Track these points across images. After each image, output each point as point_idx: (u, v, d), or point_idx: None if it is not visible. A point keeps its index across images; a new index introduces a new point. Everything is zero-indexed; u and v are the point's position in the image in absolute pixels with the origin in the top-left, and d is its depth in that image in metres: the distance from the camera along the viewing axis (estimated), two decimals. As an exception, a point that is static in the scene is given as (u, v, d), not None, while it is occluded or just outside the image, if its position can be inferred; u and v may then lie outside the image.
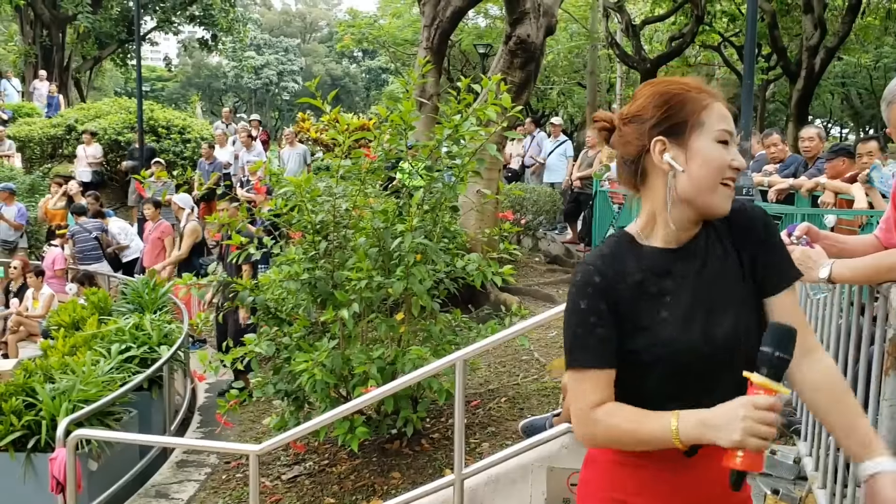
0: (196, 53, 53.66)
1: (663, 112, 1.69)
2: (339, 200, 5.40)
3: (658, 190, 1.72)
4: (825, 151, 6.60)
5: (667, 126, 1.69)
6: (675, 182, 1.68)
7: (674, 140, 1.69)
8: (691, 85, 1.72)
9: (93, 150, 15.59)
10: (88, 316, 8.15)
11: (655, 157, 1.70)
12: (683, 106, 1.69)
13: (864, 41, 23.20)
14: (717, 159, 1.68)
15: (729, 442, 1.50)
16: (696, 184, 1.68)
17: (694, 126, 1.68)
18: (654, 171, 1.73)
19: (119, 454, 5.95)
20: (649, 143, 1.70)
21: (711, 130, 1.69)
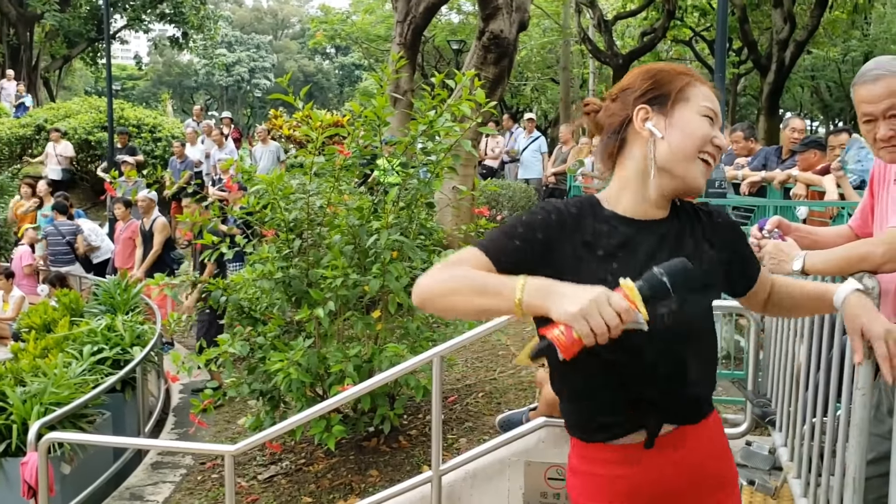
0: (167, 51, 53.26)
1: (650, 84, 1.73)
2: (312, 198, 5.36)
3: (635, 159, 1.74)
4: (797, 144, 6.66)
5: (651, 96, 1.73)
6: (654, 149, 1.70)
7: (657, 109, 1.72)
8: (677, 67, 1.78)
9: (62, 148, 15.39)
10: (60, 318, 8.05)
11: (637, 123, 1.72)
12: (670, 80, 1.73)
13: (832, 35, 23.47)
14: (698, 130, 1.70)
15: (563, 313, 1.42)
16: (675, 151, 1.69)
17: (678, 98, 1.72)
18: (634, 141, 1.75)
19: (92, 457, 5.88)
20: (632, 112, 1.73)
21: (696, 105, 1.72)
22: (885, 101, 2.38)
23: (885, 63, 2.42)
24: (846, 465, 2.40)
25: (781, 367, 3.59)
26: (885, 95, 2.38)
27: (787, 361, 3.47)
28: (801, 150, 6.36)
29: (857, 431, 2.30)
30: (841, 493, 2.45)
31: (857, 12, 21.17)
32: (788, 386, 3.40)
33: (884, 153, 2.43)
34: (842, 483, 2.44)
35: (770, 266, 2.56)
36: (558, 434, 4.25)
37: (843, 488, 2.43)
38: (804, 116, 42.35)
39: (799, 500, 3.01)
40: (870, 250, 2.34)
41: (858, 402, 2.32)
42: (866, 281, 2.29)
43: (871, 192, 2.66)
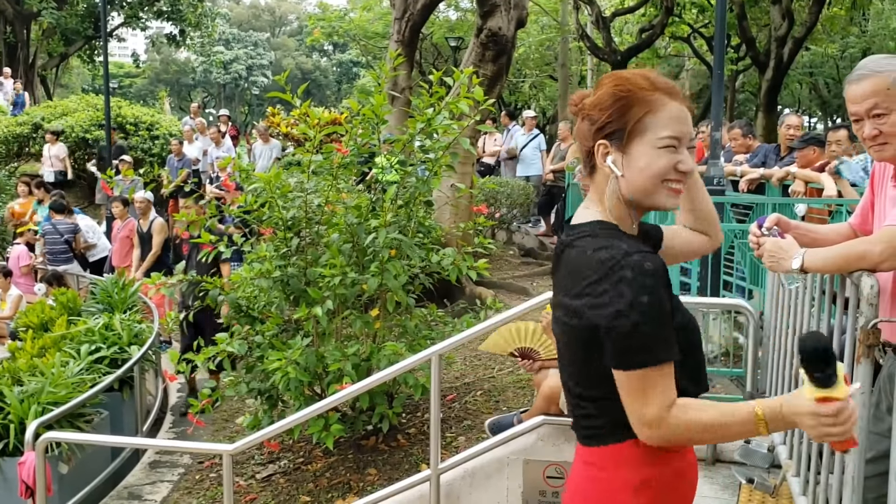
0: (164, 49, 53.21)
1: (607, 116, 1.71)
2: (310, 196, 5.35)
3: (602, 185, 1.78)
4: (796, 140, 6.64)
5: (610, 130, 1.71)
6: (617, 185, 1.72)
7: (615, 144, 1.71)
8: (647, 84, 1.71)
9: (56, 150, 15.36)
10: (57, 317, 8.03)
11: (598, 160, 1.74)
12: (629, 110, 1.70)
13: (830, 31, 23.44)
14: (654, 165, 1.69)
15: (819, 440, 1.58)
16: (635, 188, 1.71)
17: (634, 132, 1.69)
18: (603, 169, 1.76)
19: (90, 456, 5.87)
20: (593, 146, 1.74)
21: (654, 137, 1.69)
22: (868, 100, 2.40)
23: (870, 63, 2.44)
24: (845, 464, 2.39)
25: (780, 364, 3.58)
26: (868, 95, 2.40)
27: (786, 359, 3.46)
28: (800, 147, 6.35)
29: (857, 430, 2.29)
30: (840, 491, 2.44)
31: (855, 9, 21.14)
32: (787, 383, 3.39)
33: (871, 152, 2.46)
34: (841, 481, 2.44)
35: (769, 264, 2.55)
36: (557, 432, 4.24)
37: (842, 487, 2.42)
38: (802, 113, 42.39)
39: (798, 498, 3.01)
40: (868, 249, 2.33)
41: (858, 400, 2.31)
42: (865, 279, 2.29)
43: (871, 190, 2.65)
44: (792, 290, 3.39)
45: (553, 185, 12.24)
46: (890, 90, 2.38)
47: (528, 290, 8.66)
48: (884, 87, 2.38)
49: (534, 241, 12.34)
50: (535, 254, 11.35)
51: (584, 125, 1.77)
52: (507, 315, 4.37)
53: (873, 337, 2.27)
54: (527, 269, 10.25)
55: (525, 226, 13.23)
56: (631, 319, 1.56)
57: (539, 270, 10.02)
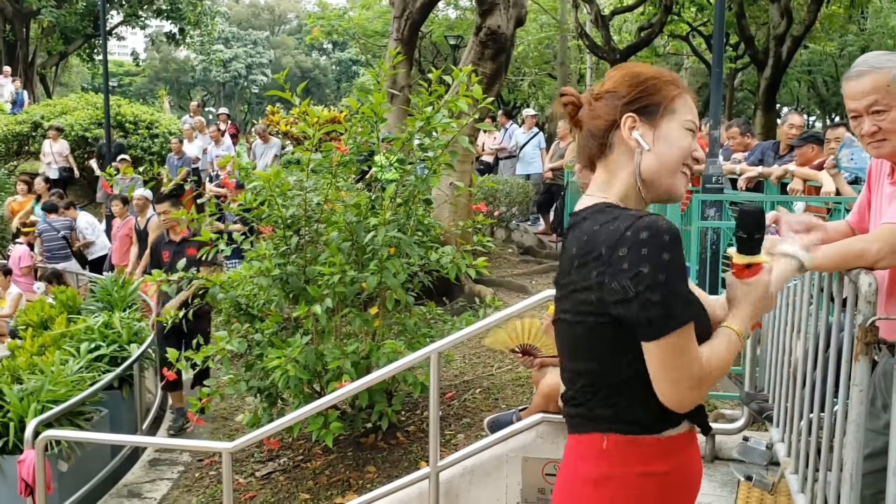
0: (164, 47, 53.16)
1: (638, 91, 1.71)
2: (310, 194, 5.35)
3: (624, 166, 1.73)
4: (795, 138, 6.65)
5: (640, 105, 1.71)
6: (640, 160, 1.70)
7: (645, 119, 1.71)
8: (665, 74, 1.75)
9: (59, 147, 15.35)
10: (57, 315, 8.04)
11: (624, 132, 1.71)
12: (659, 90, 1.72)
13: (829, 30, 23.44)
14: (683, 143, 1.72)
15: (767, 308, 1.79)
16: (661, 164, 1.70)
17: (666, 110, 1.71)
18: (620, 147, 1.73)
19: (90, 454, 5.88)
20: (620, 119, 1.71)
21: (681, 118, 1.72)
22: (867, 97, 2.40)
23: (870, 59, 2.44)
24: (843, 461, 2.40)
25: (778, 362, 3.59)
26: (867, 92, 2.40)
27: (785, 357, 3.47)
28: (798, 145, 6.36)
29: (854, 427, 2.31)
30: (838, 488, 2.45)
31: (854, 7, 21.15)
32: (786, 381, 3.40)
33: (869, 148, 2.46)
34: (839, 478, 2.45)
35: (767, 261, 2.55)
36: (556, 430, 4.25)
37: (840, 484, 2.43)
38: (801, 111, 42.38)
39: (796, 495, 3.01)
40: (865, 247, 2.34)
41: (855, 398, 2.32)
42: (863, 277, 2.29)
43: (868, 188, 2.66)
44: (790, 287, 3.40)
45: (552, 183, 12.24)
46: (890, 87, 2.38)
47: (527, 288, 8.66)
48: (884, 83, 2.38)
49: (533, 240, 12.34)
50: (533, 252, 11.35)
51: (602, 103, 1.74)
52: (507, 313, 4.38)
53: (871, 335, 2.27)
54: (526, 267, 10.25)
55: (524, 224, 13.24)
56: (657, 279, 1.52)
57: (538, 268, 10.02)
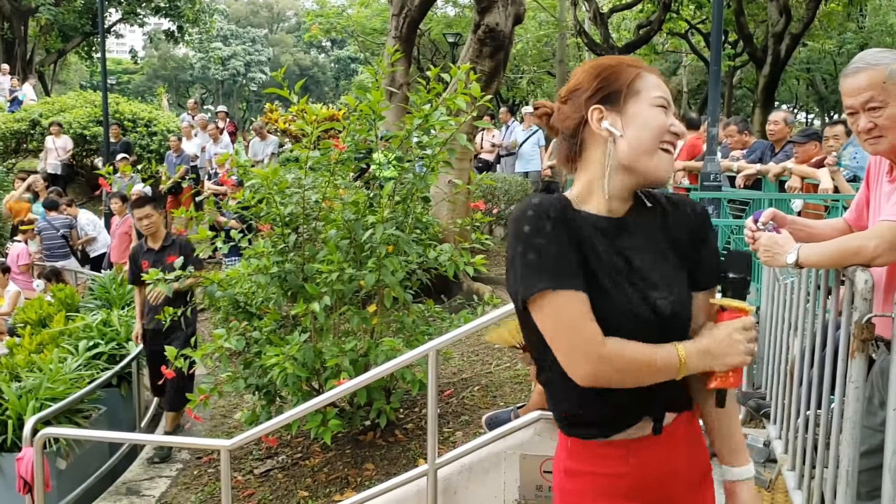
0: (162, 45, 53.05)
1: (598, 82, 1.71)
2: (308, 192, 5.35)
3: (596, 160, 1.72)
4: (796, 135, 6.64)
5: (602, 95, 1.70)
6: (614, 148, 1.69)
7: (610, 108, 1.70)
8: (624, 60, 1.75)
9: (62, 143, 15.34)
10: (55, 313, 8.04)
11: (594, 124, 1.70)
12: (618, 76, 1.71)
13: (827, 27, 23.46)
14: (654, 121, 1.69)
15: (727, 366, 1.65)
16: (635, 147, 1.68)
17: (629, 93, 1.70)
18: (592, 142, 1.73)
19: (88, 452, 5.89)
20: (587, 114, 1.71)
21: (647, 97, 1.70)
22: (863, 93, 2.41)
23: (867, 56, 2.45)
24: (840, 458, 2.40)
25: (776, 360, 3.60)
26: (863, 88, 2.41)
27: (782, 353, 3.48)
28: (801, 142, 6.35)
29: (851, 425, 2.31)
30: (835, 485, 2.46)
31: (853, 4, 21.19)
32: (783, 379, 3.41)
33: (866, 145, 2.47)
34: (835, 476, 2.45)
35: (764, 259, 2.56)
36: (554, 427, 4.25)
37: (836, 481, 2.44)
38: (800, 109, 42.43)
39: (793, 492, 3.02)
40: (862, 244, 2.34)
41: (852, 395, 2.33)
42: (859, 274, 2.30)
43: (867, 186, 2.67)
44: (787, 284, 3.40)
45: (550, 180, 12.23)
46: (886, 84, 2.38)
47: (526, 286, 8.65)
48: (879, 80, 2.39)
49: (531, 238, 12.33)
50: (532, 250, 11.33)
51: (567, 106, 1.76)
52: (505, 311, 4.38)
53: (867, 332, 2.28)
54: (524, 265, 10.23)
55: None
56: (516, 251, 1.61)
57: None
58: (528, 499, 4.33)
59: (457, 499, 4.33)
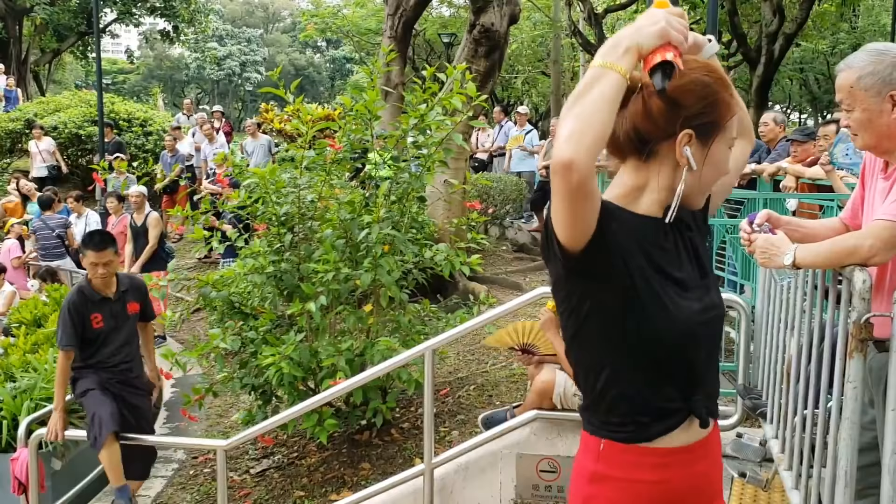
0: (157, 45, 53.02)
1: (703, 107, 1.62)
2: (303, 192, 5.35)
3: (662, 174, 1.66)
4: (796, 134, 6.64)
5: (699, 122, 1.62)
6: (685, 177, 1.64)
7: (698, 137, 1.63)
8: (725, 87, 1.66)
9: (45, 145, 15.28)
10: (50, 312, 8.01)
11: (678, 148, 1.63)
12: (719, 108, 1.64)
13: (821, 27, 23.48)
14: (724, 165, 1.70)
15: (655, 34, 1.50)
16: (701, 185, 1.68)
17: (720, 130, 1.66)
18: (665, 156, 1.65)
19: (84, 452, 5.86)
20: (679, 132, 1.62)
21: (729, 137, 1.68)
22: (838, 94, 2.48)
23: (856, 55, 2.50)
24: (838, 458, 2.41)
25: (772, 358, 3.60)
26: (838, 89, 2.48)
27: (778, 353, 3.49)
28: (801, 141, 6.36)
29: (849, 424, 2.32)
30: (832, 485, 2.46)
31: (846, 5, 21.21)
32: (779, 378, 3.41)
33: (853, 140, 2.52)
34: (833, 475, 2.46)
35: (761, 260, 2.56)
36: (550, 426, 4.26)
37: (834, 480, 2.44)
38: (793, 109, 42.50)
39: (790, 491, 3.02)
40: (857, 244, 2.35)
41: (849, 394, 2.33)
42: (857, 274, 2.30)
43: (862, 184, 2.67)
44: (784, 284, 3.41)
45: (546, 180, 12.24)
46: (853, 88, 2.42)
47: (521, 285, 8.67)
48: (847, 84, 2.44)
49: (527, 237, 12.35)
50: (527, 249, 11.36)
51: (660, 105, 1.62)
52: (501, 310, 4.39)
53: (866, 331, 2.28)
54: (520, 264, 10.25)
55: (518, 221, 13.24)
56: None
57: (532, 266, 10.03)
58: (525, 498, 4.34)
59: (453, 498, 4.34)
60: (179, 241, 12.97)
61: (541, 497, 4.30)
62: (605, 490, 1.70)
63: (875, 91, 2.39)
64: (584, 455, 1.75)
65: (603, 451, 1.70)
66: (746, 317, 4.14)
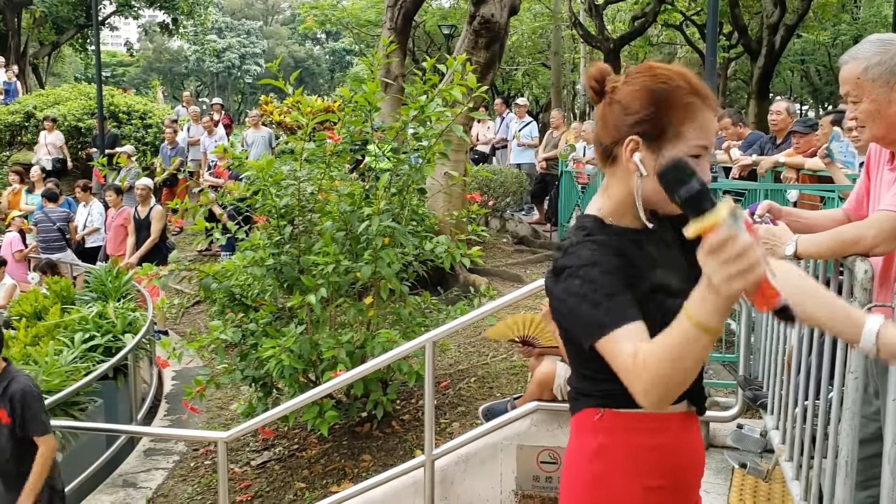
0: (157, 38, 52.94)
1: (647, 113, 1.63)
2: (303, 184, 5.34)
3: (624, 181, 1.70)
4: (799, 125, 6.62)
5: (646, 128, 1.64)
6: (639, 184, 1.66)
7: (647, 143, 1.64)
8: (685, 87, 1.65)
9: (53, 138, 15.27)
10: (51, 305, 8.01)
11: (625, 154, 1.66)
12: (669, 112, 1.63)
13: (822, 19, 23.46)
14: None
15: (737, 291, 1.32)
16: (657, 192, 1.58)
17: (672, 137, 1.63)
18: (622, 163, 1.69)
19: (85, 444, 5.87)
20: (624, 138, 1.66)
21: (687, 144, 1.64)
22: (844, 86, 2.46)
23: (860, 46, 2.48)
24: (839, 449, 2.41)
25: (773, 350, 3.60)
26: (844, 81, 2.46)
27: (779, 344, 3.48)
28: (804, 132, 6.34)
29: (850, 415, 2.31)
30: (833, 475, 2.46)
31: (848, -4, 21.20)
32: (780, 369, 3.41)
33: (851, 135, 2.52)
34: (834, 465, 2.46)
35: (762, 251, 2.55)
36: (550, 418, 4.26)
37: (835, 471, 2.44)
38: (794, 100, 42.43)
39: (791, 482, 3.02)
40: (861, 234, 2.34)
41: (851, 385, 2.33)
42: (859, 264, 2.30)
43: (867, 175, 2.66)
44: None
45: (546, 173, 12.23)
46: (860, 79, 2.40)
47: (522, 277, 8.66)
48: (854, 76, 2.42)
49: (527, 229, 12.35)
50: (528, 242, 11.35)
51: (614, 112, 1.68)
52: (501, 302, 4.39)
53: (867, 321, 2.27)
54: (520, 256, 10.25)
55: (518, 214, 13.24)
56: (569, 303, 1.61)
57: (532, 258, 10.03)
58: (525, 489, 4.34)
59: (454, 489, 4.34)
60: (179, 234, 12.97)
61: (541, 488, 4.30)
62: (610, 462, 1.72)
63: (883, 81, 2.37)
64: (581, 437, 1.78)
65: (601, 421, 1.73)
66: (747, 308, 4.13)
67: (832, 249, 2.41)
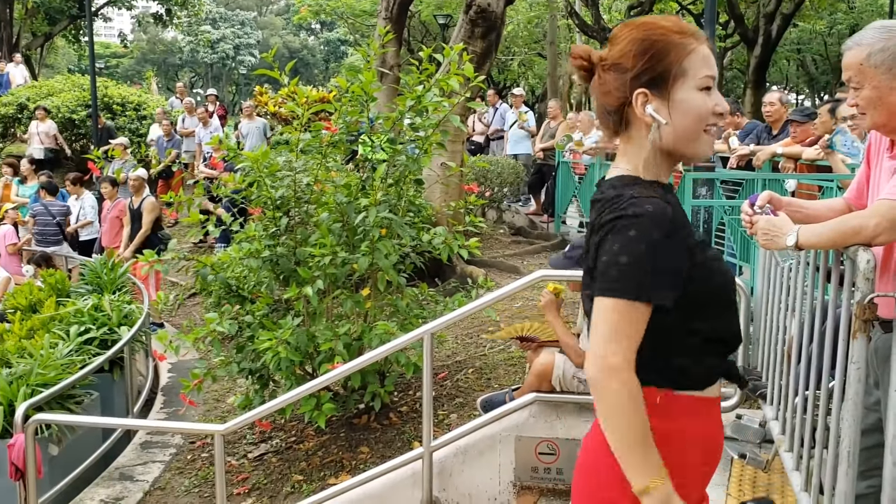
0: (151, 28, 52.73)
1: (645, 62, 1.64)
2: (299, 175, 5.30)
3: (643, 138, 1.69)
4: (795, 115, 6.60)
5: (648, 77, 1.64)
6: (658, 133, 1.65)
7: (656, 92, 1.64)
8: (672, 28, 1.66)
9: (45, 127, 15.18)
10: (46, 298, 7.98)
11: (638, 109, 1.65)
12: (666, 55, 1.64)
13: (818, 8, 23.41)
14: (700, 108, 1.65)
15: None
16: (680, 135, 1.65)
17: (677, 76, 1.64)
18: (637, 121, 1.68)
19: (81, 437, 5.85)
20: (631, 96, 1.65)
21: (695, 78, 1.65)
22: (846, 72, 2.45)
23: (864, 32, 2.47)
24: (840, 439, 2.39)
25: (772, 340, 3.58)
26: (846, 67, 2.45)
27: (778, 335, 3.47)
28: (801, 121, 6.32)
29: (852, 405, 2.30)
30: (834, 466, 2.44)
31: (844, -15, 21.15)
32: (779, 359, 3.40)
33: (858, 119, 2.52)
34: (835, 456, 2.44)
35: (763, 242, 2.54)
36: (549, 409, 4.25)
37: (836, 461, 2.43)
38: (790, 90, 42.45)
39: (791, 473, 3.01)
40: (862, 223, 2.32)
41: (853, 375, 2.31)
42: (861, 254, 2.28)
43: (867, 163, 2.64)
44: (785, 266, 3.38)
45: (543, 163, 12.20)
46: (863, 65, 2.39)
47: (519, 268, 8.65)
48: (857, 62, 2.41)
49: (524, 220, 12.33)
50: (525, 232, 11.33)
51: (611, 77, 1.68)
52: (499, 293, 4.37)
53: (870, 312, 2.26)
54: (517, 247, 10.24)
55: (515, 204, 13.22)
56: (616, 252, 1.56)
57: (529, 249, 10.01)
58: (524, 480, 4.34)
59: (452, 481, 4.33)
60: (175, 226, 12.92)
61: (539, 479, 4.30)
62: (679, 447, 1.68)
63: (886, 68, 2.36)
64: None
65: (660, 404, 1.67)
66: (745, 298, 4.12)
67: (833, 239, 2.39)
